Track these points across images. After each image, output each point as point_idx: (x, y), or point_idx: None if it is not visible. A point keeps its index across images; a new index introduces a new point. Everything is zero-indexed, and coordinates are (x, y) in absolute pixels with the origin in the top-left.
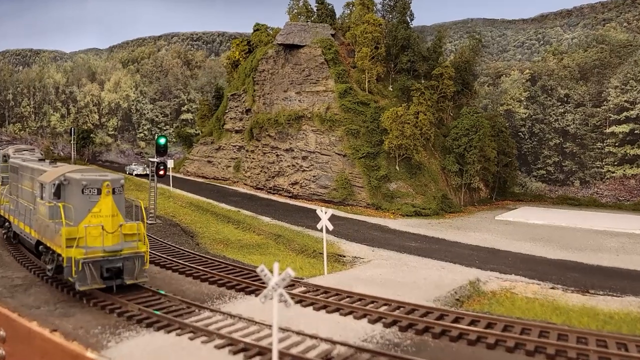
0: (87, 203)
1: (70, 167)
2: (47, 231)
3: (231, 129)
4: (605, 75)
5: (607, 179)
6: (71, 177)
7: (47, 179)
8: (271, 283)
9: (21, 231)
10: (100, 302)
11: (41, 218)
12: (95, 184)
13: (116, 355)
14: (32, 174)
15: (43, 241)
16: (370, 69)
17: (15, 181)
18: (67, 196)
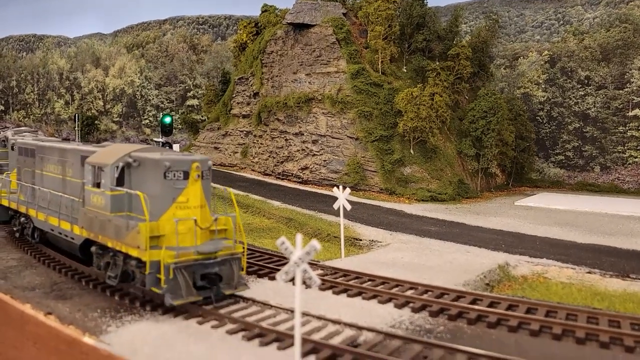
0: (171, 190)
1: (129, 146)
2: (106, 228)
3: (238, 114)
4: (629, 56)
5: (629, 164)
6: (145, 157)
7: (105, 160)
8: (293, 257)
9: (53, 228)
10: (100, 284)
11: (94, 211)
12: (181, 166)
13: (116, 341)
14: (63, 156)
15: (99, 240)
16: (384, 48)
17: (29, 166)
18: (137, 182)
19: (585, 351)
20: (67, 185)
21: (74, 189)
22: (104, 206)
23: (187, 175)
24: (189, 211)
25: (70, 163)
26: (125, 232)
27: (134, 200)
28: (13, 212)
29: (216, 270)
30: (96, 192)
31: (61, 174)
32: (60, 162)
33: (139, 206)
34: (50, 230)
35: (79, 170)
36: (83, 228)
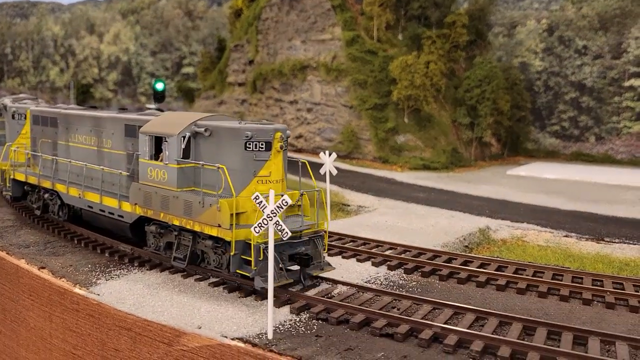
0: (252, 163)
1: (191, 114)
2: (172, 204)
3: (234, 82)
4: (626, 25)
5: (623, 134)
6: (220, 126)
7: (169, 130)
8: (266, 211)
9: (91, 205)
10: (91, 242)
11: (152, 186)
12: (263, 136)
13: (105, 292)
14: (98, 125)
15: (160, 219)
16: (379, 15)
17: (49, 137)
18: (208, 154)
19: (545, 303)
20: (105, 157)
21: (116, 162)
22: (168, 181)
23: (269, 146)
24: (271, 186)
25: (109, 133)
26: (200, 210)
27: (206, 174)
28: (30, 187)
29: (303, 250)
30: (156, 166)
31: (96, 145)
32: (94, 131)
33: (213, 180)
34: (87, 207)
35: (121, 141)
36: (136, 205)
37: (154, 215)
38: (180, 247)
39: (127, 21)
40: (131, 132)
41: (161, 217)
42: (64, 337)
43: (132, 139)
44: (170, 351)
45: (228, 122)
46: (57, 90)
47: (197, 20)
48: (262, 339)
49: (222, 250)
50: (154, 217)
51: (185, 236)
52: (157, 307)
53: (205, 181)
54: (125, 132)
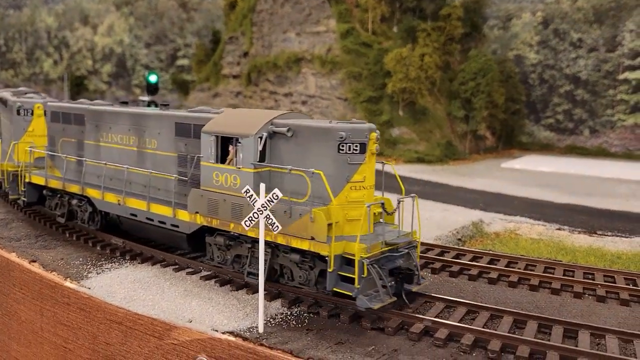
0: (345, 167)
1: (262, 111)
2: (246, 214)
3: (228, 74)
4: (621, 18)
5: (617, 127)
6: (307, 126)
7: (242, 130)
8: (257, 205)
9: (136, 213)
10: (83, 236)
11: (219, 193)
12: (358, 136)
13: (96, 285)
14: (139, 123)
15: (230, 229)
16: (374, 8)
17: (72, 135)
18: (290, 156)
19: (537, 297)
20: (148, 159)
21: (162, 164)
22: (241, 187)
23: (364, 147)
24: (364, 192)
25: (154, 132)
26: (285, 220)
27: (289, 179)
28: (50, 191)
29: (400, 263)
30: (225, 170)
31: (136, 145)
32: (134, 130)
33: (297, 187)
34: (129, 215)
35: (171, 141)
36: (197, 214)
37: (221, 225)
38: (254, 261)
39: (121, 13)
40: (183, 132)
41: (231, 228)
42: (55, 331)
43: (185, 139)
44: (161, 345)
45: (314, 121)
46: (51, 82)
47: (191, 12)
48: (253, 332)
49: (309, 266)
50: (221, 228)
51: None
52: (148, 300)
53: (287, 187)
54: (176, 132)
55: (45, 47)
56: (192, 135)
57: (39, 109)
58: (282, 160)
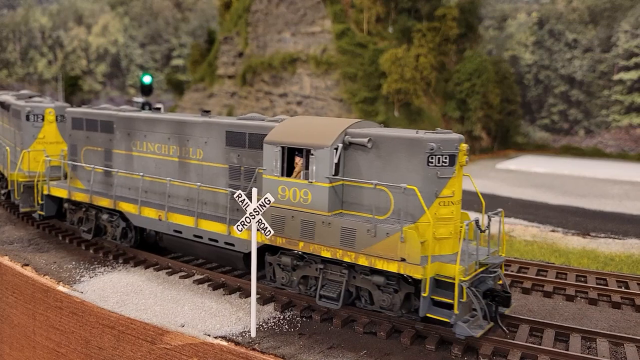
0: (434, 181)
1: (333, 120)
2: (321, 232)
3: (223, 74)
4: (616, 18)
5: (612, 128)
6: (390, 136)
7: (315, 140)
8: (249, 209)
9: (181, 230)
10: (76, 239)
11: (287, 210)
12: (448, 148)
13: (88, 289)
14: (181, 130)
15: (299, 249)
16: (370, 8)
17: (99, 144)
18: (367, 169)
19: (529, 300)
20: (192, 170)
21: (209, 176)
22: (313, 202)
23: (453, 160)
24: (453, 208)
25: (200, 141)
26: (369, 239)
27: (367, 194)
28: (73, 205)
29: (491, 284)
30: (292, 184)
31: (177, 155)
32: (175, 139)
33: (376, 202)
34: (173, 232)
35: (220, 151)
36: (258, 231)
37: (289, 244)
38: (327, 283)
39: (116, 12)
40: (236, 141)
41: (300, 247)
42: (48, 335)
43: (238, 149)
44: (153, 349)
45: (397, 131)
46: (45, 82)
47: (186, 12)
48: (246, 337)
49: (394, 289)
50: (288, 247)
51: (334, 270)
52: (141, 305)
53: (366, 203)
54: (227, 141)
55: (40, 47)
56: (246, 145)
57: (50, 114)
58: (359, 173)
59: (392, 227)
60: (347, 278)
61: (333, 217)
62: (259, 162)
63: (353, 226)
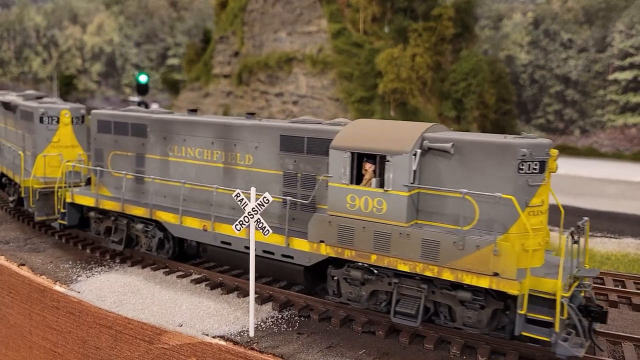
0: (525, 190)
1: (406, 123)
2: (397, 244)
3: (219, 73)
4: (611, 19)
5: (607, 127)
6: (473, 141)
7: (391, 146)
8: (248, 209)
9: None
10: (72, 238)
11: (358, 220)
12: (539, 153)
13: (85, 289)
14: (226, 134)
15: (372, 262)
16: (366, 8)
17: (129, 148)
18: (448, 176)
19: None
20: (240, 177)
21: (259, 183)
22: (388, 212)
23: (543, 166)
24: (542, 218)
25: (250, 146)
26: (455, 252)
27: (452, 204)
28: (99, 214)
29: (582, 299)
30: (363, 192)
31: (222, 160)
32: (220, 143)
33: (466, 213)
34: (219, 244)
35: (274, 157)
36: (322, 243)
37: (359, 257)
38: (403, 298)
39: (111, 11)
40: (292, 146)
41: (372, 261)
42: (45, 335)
43: (295, 155)
44: (151, 349)
45: (483, 136)
46: (40, 81)
47: (182, 11)
48: (244, 336)
49: (480, 305)
50: (358, 260)
51: (411, 285)
52: (138, 304)
53: (448, 212)
54: (282, 146)
55: (34, 46)
56: (305, 150)
57: (66, 115)
58: (438, 181)
59: (483, 239)
60: (425, 293)
61: (412, 228)
62: (319, 168)
63: (436, 238)
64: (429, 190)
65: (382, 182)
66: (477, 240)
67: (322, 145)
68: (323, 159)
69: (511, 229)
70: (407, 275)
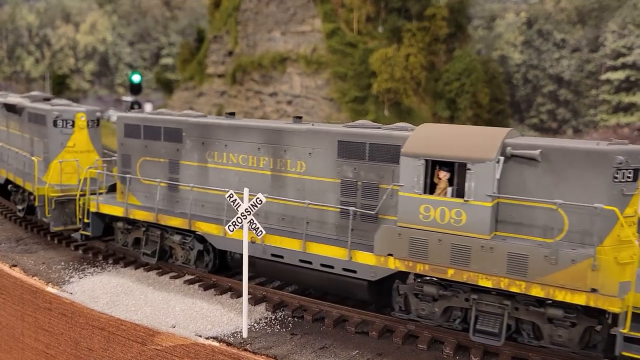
0: (619, 200)
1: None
2: (479, 258)
3: (213, 73)
4: (603, 19)
5: (600, 127)
6: (564, 148)
7: (471, 153)
8: (241, 209)
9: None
10: (65, 239)
11: (433, 232)
12: (634, 160)
13: (78, 290)
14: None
15: (449, 277)
16: (360, 7)
17: (160, 154)
18: (533, 185)
19: None
20: (290, 185)
21: (312, 192)
22: (468, 224)
23: (637, 174)
24: (634, 229)
25: (303, 152)
26: (547, 267)
27: (540, 214)
28: (127, 224)
29: None
30: (439, 202)
31: (269, 167)
32: (268, 149)
33: (554, 224)
34: (269, 257)
35: (330, 164)
36: (391, 256)
37: (433, 271)
38: (481, 315)
39: (104, 11)
40: (352, 152)
41: (449, 275)
42: (37, 337)
43: (354, 162)
44: (144, 350)
45: (572, 142)
46: (33, 81)
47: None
48: (237, 337)
49: (571, 322)
50: (433, 274)
51: (491, 301)
52: (131, 305)
53: (535, 224)
54: (340, 152)
55: (27, 45)
56: (366, 157)
57: (82, 119)
58: (523, 190)
59: (580, 253)
60: (509, 310)
61: (495, 241)
62: (383, 176)
63: (524, 251)
64: (512, 200)
65: (459, 191)
66: (572, 254)
67: (387, 151)
68: (387, 166)
69: (605, 241)
70: (485, 291)
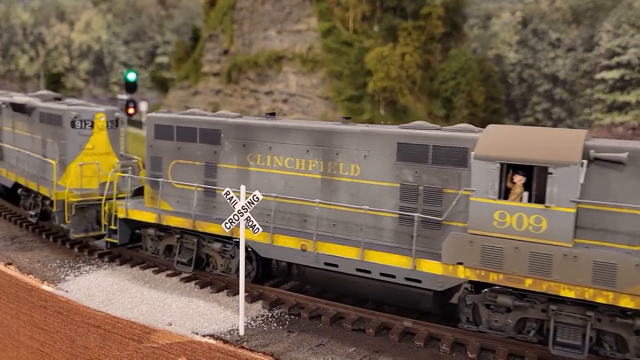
0: None
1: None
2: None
3: (209, 72)
4: (598, 18)
5: (595, 126)
6: None
7: (552, 156)
8: (237, 207)
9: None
10: (60, 237)
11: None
12: None
13: (73, 288)
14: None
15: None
16: (355, 6)
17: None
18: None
19: None
20: (343, 189)
21: (369, 197)
22: (549, 231)
23: None
24: None
25: (357, 155)
26: (637, 277)
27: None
28: (160, 231)
29: None
30: (515, 208)
31: (319, 171)
32: (317, 152)
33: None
34: (321, 266)
35: (388, 167)
36: (461, 265)
37: (509, 281)
38: (560, 327)
39: (99, 9)
40: (412, 155)
41: (527, 285)
42: (32, 335)
43: (415, 165)
44: (140, 348)
45: None
46: (27, 80)
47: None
48: (234, 335)
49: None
50: (508, 284)
51: (571, 312)
52: (127, 303)
53: (624, 231)
54: (398, 155)
55: (21, 43)
56: (429, 160)
57: (101, 119)
58: (607, 194)
59: None
60: (592, 322)
61: (579, 249)
62: (447, 180)
63: (612, 260)
64: (595, 205)
65: (537, 197)
66: None
67: (453, 154)
68: (453, 169)
69: None
70: (563, 301)
